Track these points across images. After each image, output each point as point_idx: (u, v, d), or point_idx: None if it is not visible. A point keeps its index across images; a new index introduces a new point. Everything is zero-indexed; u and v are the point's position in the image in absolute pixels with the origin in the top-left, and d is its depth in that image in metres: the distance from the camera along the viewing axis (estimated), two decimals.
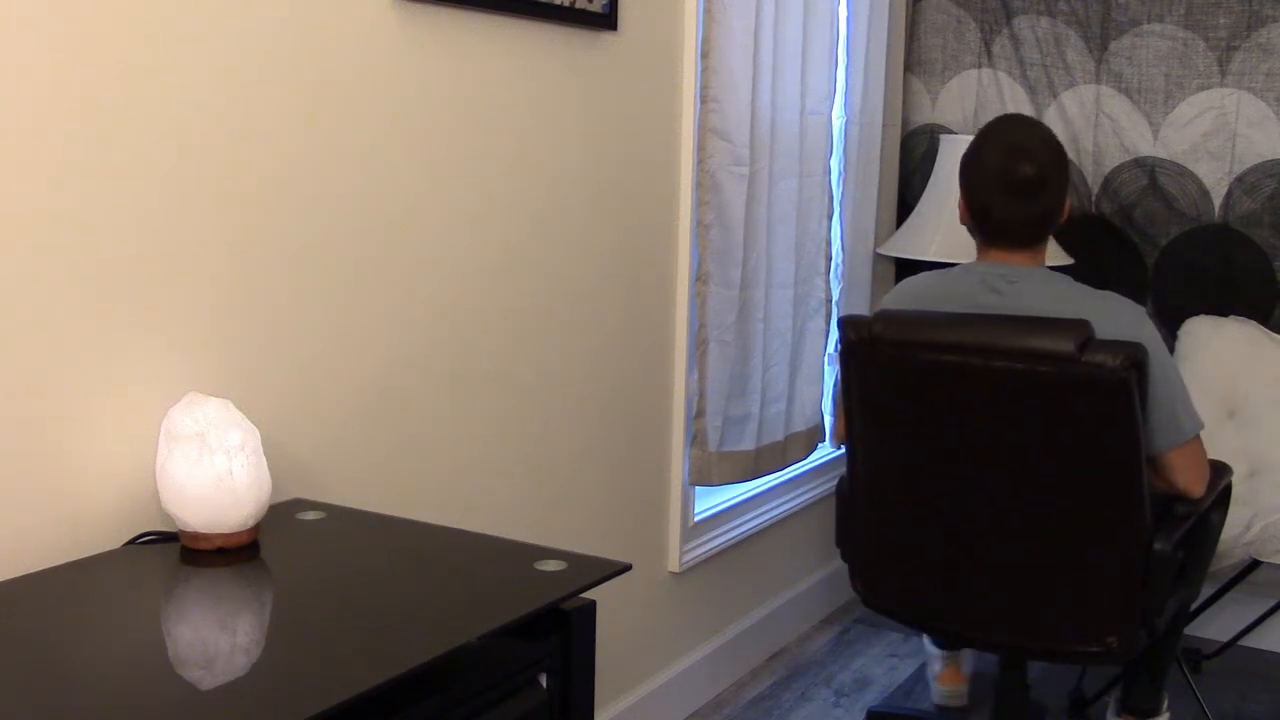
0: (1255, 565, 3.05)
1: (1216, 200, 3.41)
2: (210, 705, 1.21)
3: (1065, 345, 2.10)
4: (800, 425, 3.22)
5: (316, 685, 1.24)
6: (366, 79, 1.94)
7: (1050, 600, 2.26)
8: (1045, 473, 2.20)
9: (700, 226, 2.76)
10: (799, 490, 3.45)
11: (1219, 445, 3.06)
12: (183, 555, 1.58)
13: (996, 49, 3.68)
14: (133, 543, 1.62)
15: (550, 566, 1.54)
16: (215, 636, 1.40)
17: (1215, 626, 3.39)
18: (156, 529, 1.64)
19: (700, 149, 2.73)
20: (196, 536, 1.58)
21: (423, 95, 2.05)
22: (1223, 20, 3.37)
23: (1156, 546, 2.19)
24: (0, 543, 1.50)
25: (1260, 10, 3.32)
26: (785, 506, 3.36)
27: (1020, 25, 3.63)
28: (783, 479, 3.34)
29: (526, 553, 1.60)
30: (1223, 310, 3.40)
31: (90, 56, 1.55)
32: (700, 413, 2.84)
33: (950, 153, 3.46)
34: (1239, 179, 3.38)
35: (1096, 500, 2.18)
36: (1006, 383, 2.16)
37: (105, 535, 1.61)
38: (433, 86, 2.07)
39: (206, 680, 1.26)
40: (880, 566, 2.46)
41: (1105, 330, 2.15)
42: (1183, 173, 3.44)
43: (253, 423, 1.66)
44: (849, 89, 3.41)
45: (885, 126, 3.58)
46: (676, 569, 2.89)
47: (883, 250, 3.62)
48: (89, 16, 1.54)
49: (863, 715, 3.00)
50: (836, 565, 3.22)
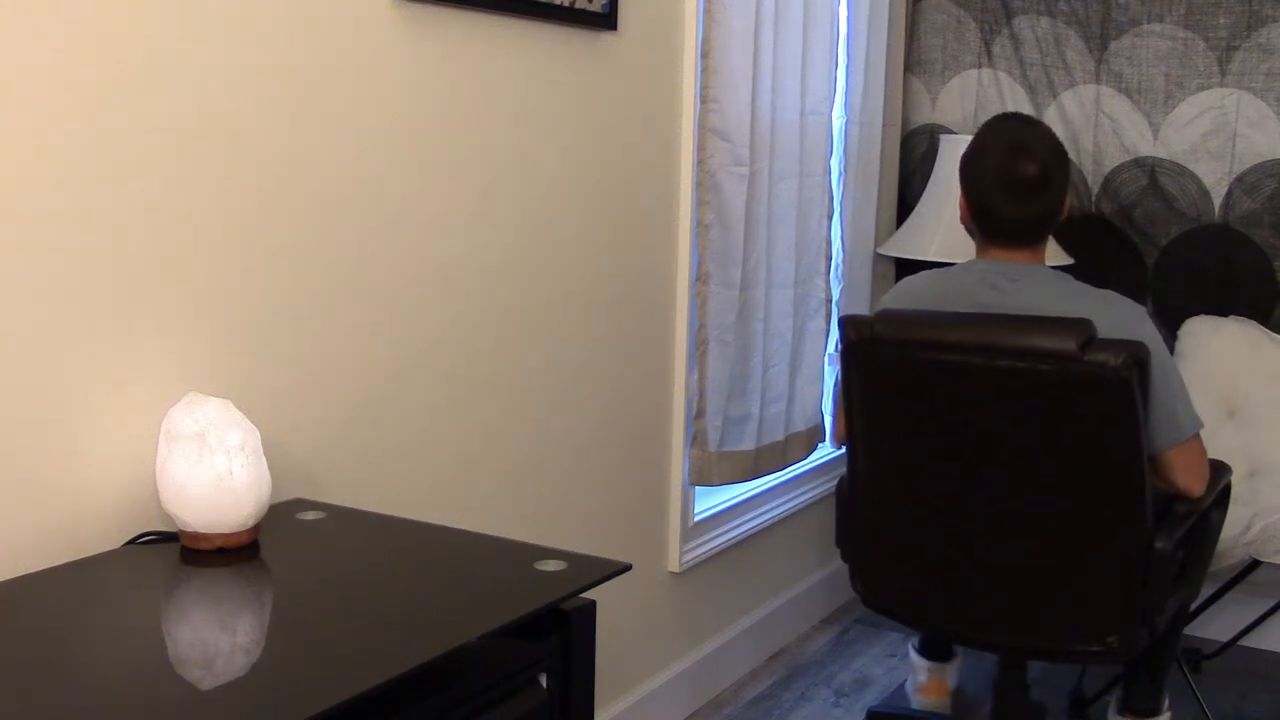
0: (1255, 565, 3.05)
1: (1216, 200, 3.41)
2: (210, 705, 1.21)
3: (1067, 344, 2.10)
4: (800, 425, 3.22)
5: (316, 685, 1.24)
6: (366, 78, 1.94)
7: (1051, 600, 2.26)
8: (1047, 472, 2.20)
9: (700, 226, 2.76)
10: (799, 490, 3.45)
11: (1219, 445, 3.06)
12: (183, 555, 1.58)
13: (996, 49, 3.68)
14: (133, 543, 1.62)
15: (550, 566, 1.54)
16: (215, 636, 1.39)
17: (1215, 626, 3.39)
18: (156, 529, 1.64)
19: (700, 149, 2.73)
20: (196, 536, 1.58)
21: (422, 95, 2.05)
22: (1223, 20, 3.37)
23: (1157, 546, 2.19)
24: (0, 543, 1.50)
25: (1260, 10, 3.32)
26: (785, 506, 3.36)
27: (1020, 25, 3.63)
28: (783, 479, 3.34)
29: (526, 553, 1.60)
30: (1223, 310, 3.40)
31: (90, 55, 1.55)
32: (700, 413, 2.84)
33: (950, 153, 3.46)
34: (1239, 179, 3.37)
35: (1098, 499, 2.18)
36: (1008, 382, 2.16)
37: (105, 535, 1.61)
38: (432, 86, 2.07)
39: (206, 680, 1.26)
40: (880, 566, 2.46)
41: (1105, 329, 2.15)
42: (1183, 173, 3.44)
43: (253, 423, 1.66)
44: (849, 89, 3.41)
45: (885, 126, 3.58)
46: (676, 569, 2.89)
47: (883, 250, 3.62)
48: (88, 16, 1.54)
49: (863, 715, 3.00)
50: (836, 565, 3.22)
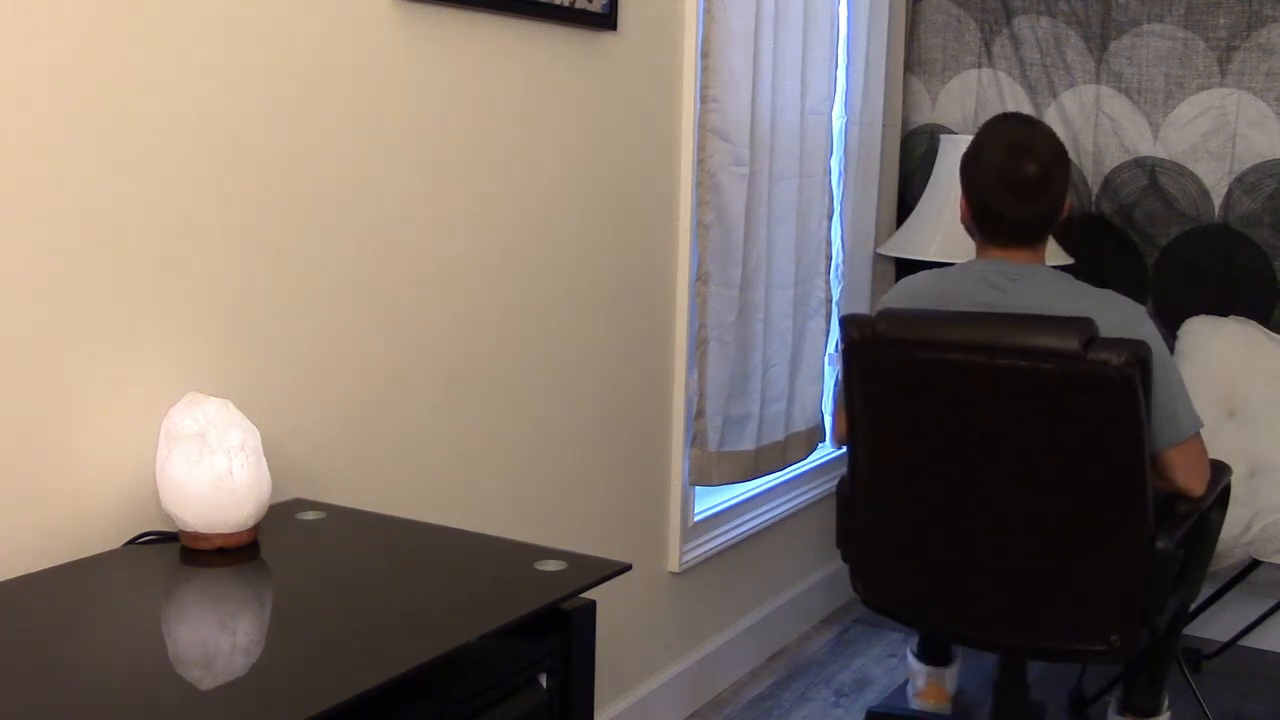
0: (1255, 565, 3.05)
1: (1216, 200, 3.41)
2: (210, 705, 1.21)
3: (1070, 343, 2.10)
4: (800, 425, 3.22)
5: (316, 685, 1.24)
6: (366, 78, 1.94)
7: (1052, 600, 2.26)
8: (1048, 471, 2.20)
9: (700, 226, 2.76)
10: (799, 490, 3.45)
11: (1219, 445, 3.06)
12: (183, 555, 1.58)
13: (996, 49, 3.68)
14: (133, 543, 1.62)
15: (550, 566, 1.54)
16: (215, 636, 1.40)
17: (1215, 626, 3.39)
18: (156, 529, 1.64)
19: (700, 149, 2.73)
20: (196, 536, 1.58)
21: (422, 95, 2.05)
22: (1223, 20, 3.37)
23: (1159, 545, 2.19)
24: (0, 543, 1.50)
25: (1260, 10, 3.32)
26: (785, 506, 3.36)
27: (1020, 25, 3.63)
28: (783, 479, 3.34)
29: (526, 553, 1.60)
30: (1223, 310, 3.40)
31: (90, 55, 1.55)
32: (700, 413, 2.84)
33: (950, 153, 3.46)
34: (1239, 179, 3.37)
35: (1099, 499, 2.18)
36: (1010, 381, 2.16)
37: (105, 535, 1.61)
38: (432, 86, 2.07)
39: (206, 680, 1.26)
40: (881, 566, 2.46)
41: (1106, 328, 2.15)
42: (1183, 173, 3.44)
43: (253, 423, 1.66)
44: (849, 89, 3.41)
45: (885, 126, 3.58)
46: (676, 569, 2.89)
47: (883, 250, 3.62)
48: (88, 16, 1.54)
49: (862, 715, 3.00)
50: (836, 565, 3.22)
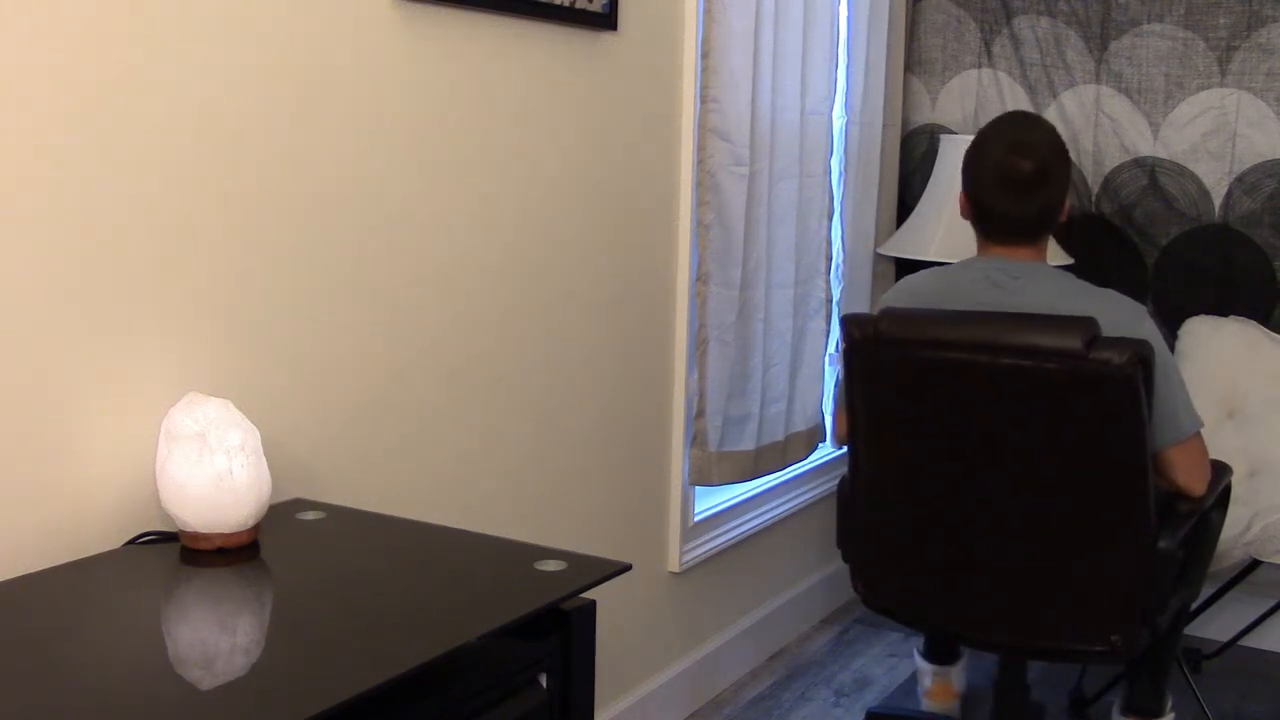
0: (1255, 565, 3.05)
1: (1216, 200, 3.41)
2: (210, 705, 1.21)
3: (1072, 342, 2.10)
4: (800, 425, 3.22)
5: (316, 685, 1.24)
6: (366, 78, 1.94)
7: (1052, 599, 2.26)
8: (1050, 471, 2.20)
9: (700, 226, 2.76)
10: (799, 490, 3.45)
11: (1219, 445, 3.06)
12: (183, 555, 1.58)
13: (996, 49, 3.68)
14: (133, 543, 1.62)
15: (550, 566, 1.54)
16: (215, 636, 1.39)
17: (1215, 626, 3.39)
18: (156, 529, 1.64)
19: (700, 149, 2.73)
20: (196, 536, 1.58)
21: (422, 95, 2.05)
22: (1223, 20, 3.37)
23: (1160, 545, 2.18)
24: (0, 543, 1.50)
25: (1260, 10, 3.32)
26: (785, 506, 3.36)
27: (1020, 25, 3.63)
28: (783, 479, 3.34)
29: (526, 553, 1.60)
30: (1223, 310, 3.40)
31: (90, 55, 1.55)
32: (700, 413, 2.84)
33: (950, 153, 3.46)
34: (1239, 179, 3.37)
35: (1101, 498, 2.18)
36: (1013, 380, 2.16)
37: (105, 535, 1.61)
38: (432, 86, 2.07)
39: (206, 680, 1.26)
40: (881, 566, 2.46)
41: (1107, 327, 2.15)
42: (1183, 173, 3.44)
43: (253, 423, 1.66)
44: (849, 89, 3.41)
45: (885, 126, 3.58)
46: (676, 569, 2.89)
47: (883, 250, 3.62)
48: (88, 16, 1.54)
49: (862, 715, 3.00)
50: (836, 565, 3.22)
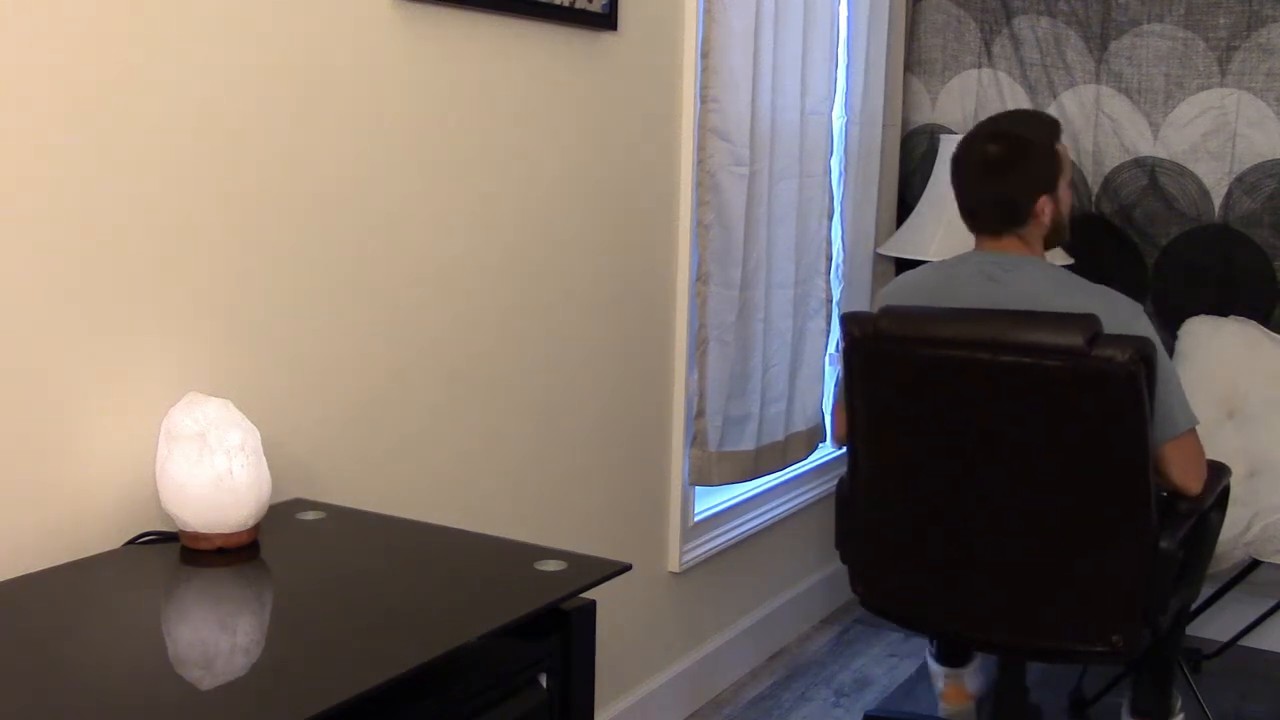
0: (1255, 565, 3.05)
1: (1216, 200, 3.41)
2: (210, 705, 1.21)
3: (1074, 339, 2.09)
4: (800, 425, 3.22)
5: (316, 685, 1.24)
6: (366, 78, 1.94)
7: (1053, 599, 2.26)
8: (1050, 469, 2.19)
9: (700, 226, 2.76)
10: (799, 490, 3.45)
11: (1219, 445, 3.06)
12: (183, 555, 1.58)
13: (996, 49, 3.68)
14: (133, 543, 1.62)
15: (550, 566, 1.54)
16: (215, 636, 1.39)
17: (1215, 626, 3.39)
18: (156, 529, 1.64)
19: (700, 149, 2.73)
20: (196, 536, 1.58)
21: (422, 95, 2.05)
22: (1223, 20, 3.37)
23: (1161, 545, 2.18)
24: (0, 543, 1.50)
25: (1260, 10, 3.32)
26: (785, 506, 3.36)
27: (1020, 25, 3.63)
28: (783, 479, 3.34)
29: (526, 553, 1.60)
30: (1223, 310, 3.40)
31: (90, 55, 1.55)
32: (700, 413, 2.84)
33: (950, 153, 3.45)
34: (1239, 179, 3.37)
35: (1101, 497, 2.18)
36: (1013, 377, 2.15)
37: (105, 535, 1.61)
38: (432, 86, 2.07)
39: (206, 680, 1.26)
40: (881, 567, 2.46)
41: (1102, 323, 2.15)
42: (1183, 173, 3.44)
43: (253, 423, 1.66)
44: (849, 89, 3.41)
45: (885, 126, 3.58)
46: (676, 569, 2.89)
47: (883, 250, 3.62)
48: (88, 16, 1.54)
49: (862, 716, 2.99)
50: (836, 565, 3.22)
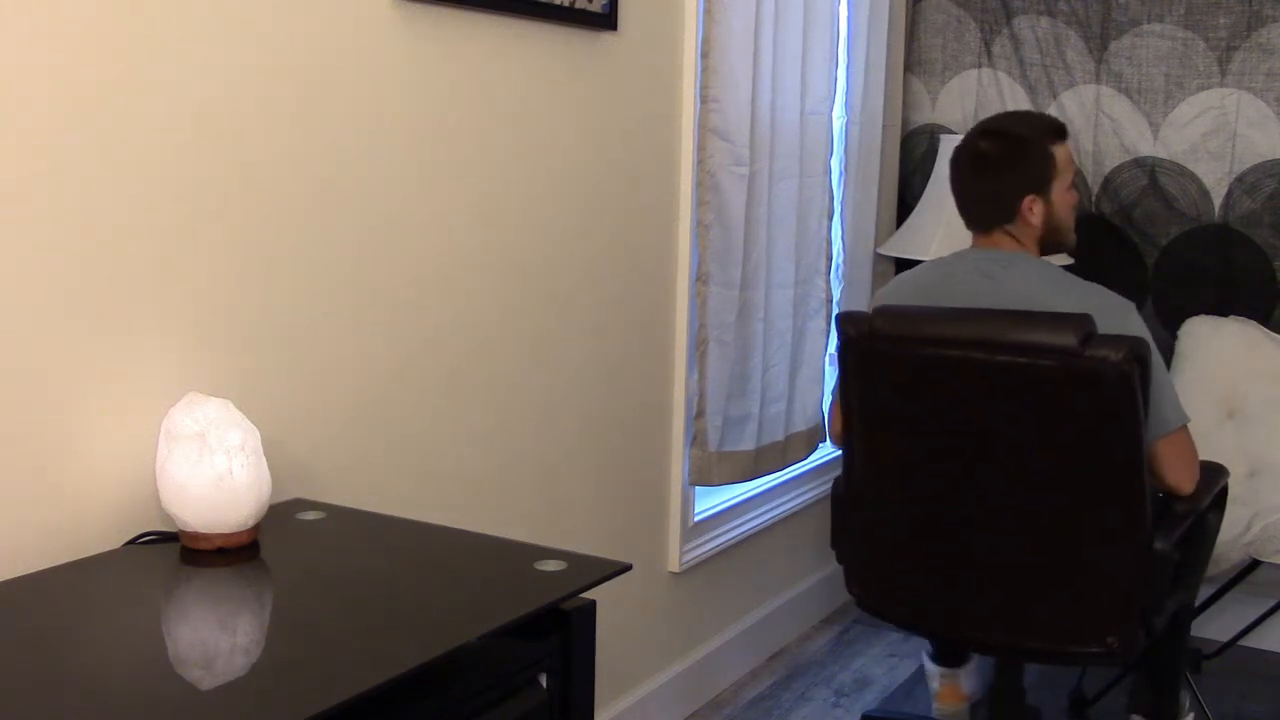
0: (1255, 565, 3.05)
1: (1216, 200, 3.41)
2: (210, 705, 1.21)
3: (1068, 339, 2.09)
4: (800, 425, 3.22)
5: (316, 685, 1.24)
6: (366, 78, 1.94)
7: (1048, 600, 2.26)
8: (1045, 469, 2.19)
9: (700, 226, 2.76)
10: (799, 490, 3.45)
11: (1219, 445, 3.06)
12: (183, 555, 1.58)
13: (996, 49, 3.68)
14: (133, 543, 1.62)
15: (550, 566, 1.54)
16: (215, 636, 1.40)
17: (1215, 626, 3.38)
18: (156, 529, 1.64)
19: (700, 149, 2.73)
20: (196, 536, 1.58)
21: (422, 95, 2.05)
22: (1223, 20, 3.37)
23: (1156, 545, 2.18)
24: (0, 543, 1.50)
25: (1260, 10, 3.32)
26: (785, 506, 3.36)
27: (1020, 25, 3.63)
28: (783, 479, 3.34)
29: (526, 553, 1.60)
30: (1223, 310, 3.40)
31: (90, 55, 1.55)
32: (700, 413, 2.84)
33: (950, 153, 3.45)
34: (1239, 179, 3.37)
35: (1097, 498, 2.18)
36: (1008, 377, 2.15)
37: (105, 535, 1.61)
38: (432, 86, 2.07)
39: (206, 680, 1.26)
40: (877, 567, 2.46)
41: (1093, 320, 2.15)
42: (1183, 173, 3.44)
43: (253, 423, 1.66)
44: (849, 89, 3.41)
45: (885, 126, 3.58)
46: (676, 569, 2.89)
47: (883, 250, 3.62)
48: (88, 16, 1.54)
49: (860, 716, 2.99)
50: (836, 565, 3.21)
